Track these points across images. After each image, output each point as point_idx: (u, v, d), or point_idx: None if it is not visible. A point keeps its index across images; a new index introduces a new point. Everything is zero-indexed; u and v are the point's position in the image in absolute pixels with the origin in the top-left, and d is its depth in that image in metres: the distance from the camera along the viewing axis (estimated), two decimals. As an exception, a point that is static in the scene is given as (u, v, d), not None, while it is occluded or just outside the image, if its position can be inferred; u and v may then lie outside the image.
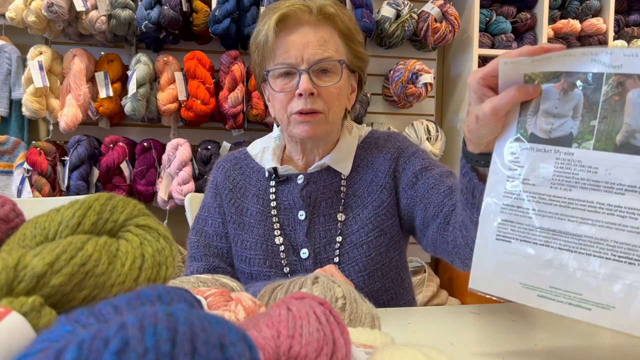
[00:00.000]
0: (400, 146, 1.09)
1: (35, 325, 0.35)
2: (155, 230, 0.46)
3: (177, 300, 0.35)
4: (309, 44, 0.98)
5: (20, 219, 0.56)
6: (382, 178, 1.06)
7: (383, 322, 0.63)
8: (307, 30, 0.99)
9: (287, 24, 0.99)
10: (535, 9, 2.68)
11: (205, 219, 1.12)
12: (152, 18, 2.19)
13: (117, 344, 0.26)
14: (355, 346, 0.42)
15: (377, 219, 1.04)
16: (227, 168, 1.14)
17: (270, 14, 1.01)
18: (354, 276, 1.01)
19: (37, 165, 2.22)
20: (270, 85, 1.02)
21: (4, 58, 2.32)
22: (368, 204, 1.05)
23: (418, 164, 1.05)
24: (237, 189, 1.11)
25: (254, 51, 1.06)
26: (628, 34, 2.77)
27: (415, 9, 2.48)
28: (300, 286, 0.63)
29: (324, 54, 0.99)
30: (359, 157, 1.10)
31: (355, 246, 1.03)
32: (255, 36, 1.05)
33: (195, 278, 0.66)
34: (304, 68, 0.98)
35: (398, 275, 1.07)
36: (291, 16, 0.99)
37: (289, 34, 0.99)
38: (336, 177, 1.08)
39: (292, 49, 0.99)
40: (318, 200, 1.06)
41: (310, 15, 0.99)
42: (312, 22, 1.00)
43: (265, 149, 1.14)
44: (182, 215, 1.60)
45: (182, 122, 2.43)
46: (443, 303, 2.44)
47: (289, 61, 0.99)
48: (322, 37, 0.99)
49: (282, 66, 1.00)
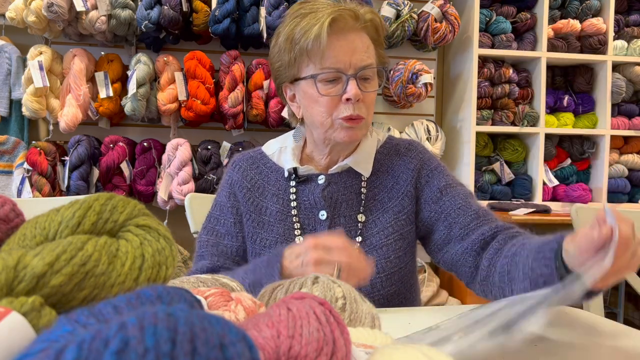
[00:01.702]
0: (423, 157, 1.12)
1: (35, 325, 0.35)
2: (155, 230, 0.46)
3: (177, 300, 0.35)
4: (355, 50, 0.99)
5: (20, 219, 0.56)
6: (403, 185, 1.08)
7: (383, 322, 0.63)
8: (354, 36, 1.00)
9: (335, 29, 0.99)
10: (535, 9, 2.68)
11: (218, 218, 1.12)
12: (152, 18, 2.19)
13: (117, 344, 0.26)
14: (355, 346, 0.42)
15: (398, 224, 1.06)
16: (244, 167, 1.14)
17: (316, 15, 0.98)
18: (372, 277, 1.02)
19: (37, 165, 2.22)
20: (317, 89, 1.00)
21: (4, 58, 2.32)
22: (389, 208, 1.07)
23: (442, 180, 1.08)
24: (255, 188, 1.11)
25: (285, 49, 1.02)
26: (628, 34, 2.77)
27: (415, 9, 2.48)
28: (300, 286, 0.63)
29: (368, 60, 1.01)
30: (378, 161, 1.11)
31: (374, 248, 1.05)
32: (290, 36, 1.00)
33: (195, 278, 0.66)
34: (351, 73, 0.99)
35: (409, 279, 1.09)
36: (340, 21, 0.98)
37: (337, 39, 0.99)
38: (356, 178, 1.09)
39: (340, 54, 0.99)
40: (339, 201, 1.07)
41: (356, 21, 1.00)
42: (358, 28, 1.00)
43: (282, 148, 1.14)
44: (182, 215, 1.60)
45: (182, 122, 2.43)
46: (443, 303, 2.44)
47: (337, 66, 0.99)
48: (365, 44, 1.01)
49: (329, 70, 0.99)
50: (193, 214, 1.41)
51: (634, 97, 2.81)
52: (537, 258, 0.81)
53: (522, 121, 2.64)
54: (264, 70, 2.37)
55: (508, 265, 0.89)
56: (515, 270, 0.87)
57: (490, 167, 2.68)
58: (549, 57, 2.63)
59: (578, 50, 2.68)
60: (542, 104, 2.64)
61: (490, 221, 1.01)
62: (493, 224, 1.00)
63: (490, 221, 1.01)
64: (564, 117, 2.71)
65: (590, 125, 2.72)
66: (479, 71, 2.59)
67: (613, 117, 2.72)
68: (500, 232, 0.98)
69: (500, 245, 0.95)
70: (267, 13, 2.28)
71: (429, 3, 2.48)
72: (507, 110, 2.65)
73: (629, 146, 2.79)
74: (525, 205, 2.46)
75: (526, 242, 0.89)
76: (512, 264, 0.88)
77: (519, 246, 0.89)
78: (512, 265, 0.88)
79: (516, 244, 0.91)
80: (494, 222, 1.01)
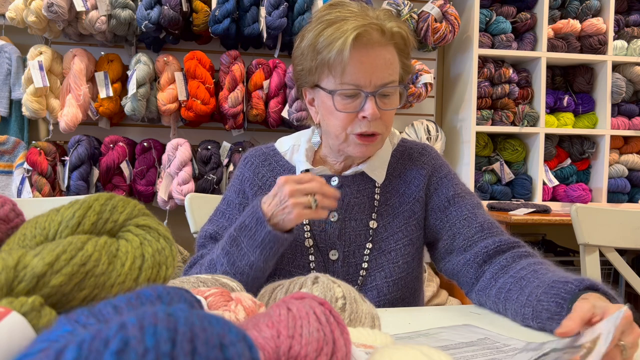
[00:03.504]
0: (435, 164, 1.11)
1: (35, 325, 0.35)
2: (155, 230, 0.46)
3: (177, 300, 0.35)
4: (377, 67, 0.96)
5: (20, 219, 0.56)
6: (415, 191, 1.08)
7: (383, 322, 0.63)
8: (377, 52, 0.96)
9: (359, 44, 0.95)
10: (535, 9, 2.68)
11: (224, 213, 1.12)
12: (152, 18, 2.19)
13: (117, 344, 0.26)
14: (355, 346, 0.42)
15: (408, 229, 1.06)
16: (256, 164, 1.13)
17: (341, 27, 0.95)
18: (379, 281, 1.03)
19: (37, 165, 2.22)
20: (334, 103, 0.99)
21: (4, 58, 2.32)
22: (399, 213, 1.07)
23: (451, 188, 1.07)
24: (266, 186, 1.11)
25: (308, 56, 1.00)
26: (628, 34, 2.77)
27: (415, 9, 2.48)
28: (300, 286, 0.63)
29: (389, 78, 0.98)
30: (391, 165, 1.10)
31: (384, 253, 1.05)
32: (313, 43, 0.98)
33: (195, 278, 0.66)
34: (370, 91, 0.96)
35: (414, 285, 1.09)
36: (364, 36, 0.95)
37: (359, 55, 0.95)
38: (370, 183, 1.08)
39: (361, 71, 0.96)
40: (351, 204, 1.06)
41: (382, 36, 0.97)
42: (383, 43, 0.97)
43: (295, 147, 1.13)
44: (182, 215, 1.60)
45: (182, 122, 2.43)
46: (443, 303, 2.44)
47: (357, 82, 0.96)
48: (388, 60, 0.98)
49: (349, 87, 0.97)
50: (193, 214, 1.41)
51: (634, 97, 2.81)
52: (548, 292, 0.80)
53: (522, 121, 2.64)
54: (264, 70, 2.37)
55: (511, 285, 0.89)
56: (517, 293, 0.87)
57: (490, 167, 2.68)
58: (549, 57, 2.63)
59: (578, 50, 2.68)
60: (542, 104, 2.64)
61: (494, 234, 1.00)
62: (497, 238, 0.99)
63: (494, 234, 1.00)
64: (564, 117, 2.71)
65: (590, 125, 2.72)
66: (479, 71, 2.59)
67: (613, 117, 2.72)
68: (508, 249, 0.98)
69: (508, 262, 0.95)
70: (267, 13, 2.28)
71: (429, 3, 2.48)
72: (507, 110, 2.65)
73: (629, 146, 2.79)
74: (525, 205, 2.46)
75: (538, 269, 0.89)
76: (516, 287, 0.88)
77: (529, 271, 0.89)
78: (515, 286, 0.88)
79: (527, 267, 0.90)
80: (498, 236, 1.00)
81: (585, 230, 1.32)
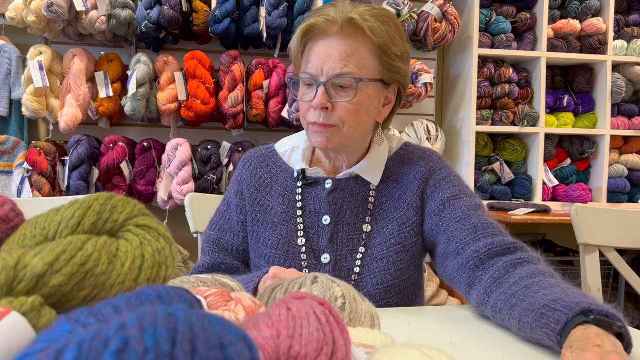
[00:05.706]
0: (433, 167, 1.08)
1: (35, 325, 0.35)
2: (155, 230, 0.46)
3: (177, 300, 0.35)
4: (330, 57, 0.98)
5: (20, 219, 0.56)
6: (410, 196, 1.06)
7: (383, 322, 0.63)
8: (332, 43, 0.98)
9: (315, 34, 1.00)
10: (535, 9, 2.68)
11: (224, 214, 1.13)
12: (152, 18, 2.19)
13: (117, 344, 0.26)
14: (355, 346, 0.42)
15: (401, 236, 1.04)
16: (255, 166, 1.14)
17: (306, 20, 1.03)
18: (371, 288, 1.02)
19: (37, 165, 2.22)
20: (299, 92, 1.04)
21: (4, 58, 2.32)
22: (393, 219, 1.05)
23: (448, 191, 1.04)
24: (262, 188, 1.11)
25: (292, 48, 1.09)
26: (628, 34, 2.77)
27: (415, 9, 2.48)
28: (299, 286, 0.63)
29: (343, 70, 0.97)
30: (389, 169, 1.09)
31: (375, 259, 1.03)
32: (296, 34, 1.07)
33: (195, 278, 0.66)
34: (322, 81, 0.98)
35: (413, 292, 1.07)
36: (318, 27, 0.99)
37: (314, 45, 1.00)
38: (365, 187, 1.07)
39: (314, 60, 0.99)
40: (344, 207, 1.06)
41: (341, 30, 0.98)
42: (339, 34, 0.98)
43: (294, 148, 1.14)
44: (182, 215, 1.60)
45: (182, 122, 2.43)
46: (443, 303, 2.44)
47: (310, 72, 1.00)
48: (345, 52, 0.98)
49: (306, 75, 1.01)
50: (193, 214, 1.41)
51: (634, 97, 2.81)
52: (539, 321, 0.73)
53: (522, 121, 2.64)
54: (264, 70, 2.37)
55: (502, 304, 0.82)
56: (509, 317, 0.80)
57: (490, 167, 2.68)
58: (549, 57, 2.63)
59: (578, 50, 2.68)
60: (542, 104, 2.64)
61: (487, 236, 0.94)
62: (489, 240, 0.93)
63: (487, 236, 0.94)
64: (564, 117, 2.71)
65: (590, 125, 2.72)
66: (479, 71, 2.59)
67: (613, 117, 2.72)
68: (501, 253, 0.91)
69: (500, 274, 0.87)
70: (267, 13, 2.28)
71: (429, 3, 2.48)
72: (507, 110, 2.65)
73: (629, 146, 2.79)
74: (525, 205, 2.46)
75: (530, 285, 0.80)
76: (507, 309, 0.80)
77: (519, 289, 0.81)
78: (507, 307, 0.81)
79: (519, 282, 0.82)
80: (491, 238, 0.94)
81: (585, 230, 1.32)
